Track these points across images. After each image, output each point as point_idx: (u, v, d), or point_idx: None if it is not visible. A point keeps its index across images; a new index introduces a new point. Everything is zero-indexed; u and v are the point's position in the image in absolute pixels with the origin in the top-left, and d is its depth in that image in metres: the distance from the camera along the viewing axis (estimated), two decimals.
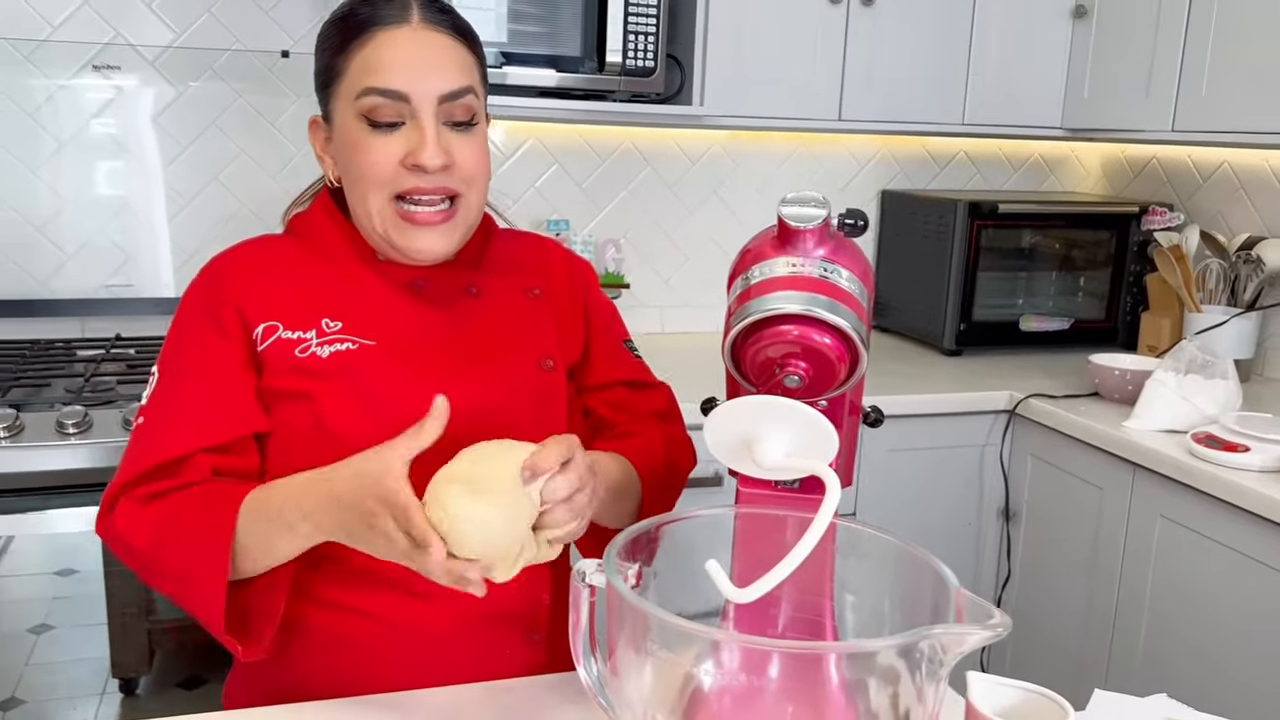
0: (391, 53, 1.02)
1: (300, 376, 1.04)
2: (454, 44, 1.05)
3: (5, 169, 2.20)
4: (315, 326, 1.06)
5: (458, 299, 1.12)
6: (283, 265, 1.10)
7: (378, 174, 1.03)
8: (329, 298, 1.08)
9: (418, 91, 1.02)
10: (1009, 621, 0.70)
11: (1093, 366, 2.17)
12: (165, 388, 1.05)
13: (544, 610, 1.13)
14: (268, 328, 1.05)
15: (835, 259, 0.82)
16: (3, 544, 1.81)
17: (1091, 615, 2.06)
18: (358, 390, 1.03)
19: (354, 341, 1.05)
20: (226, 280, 1.08)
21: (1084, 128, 2.49)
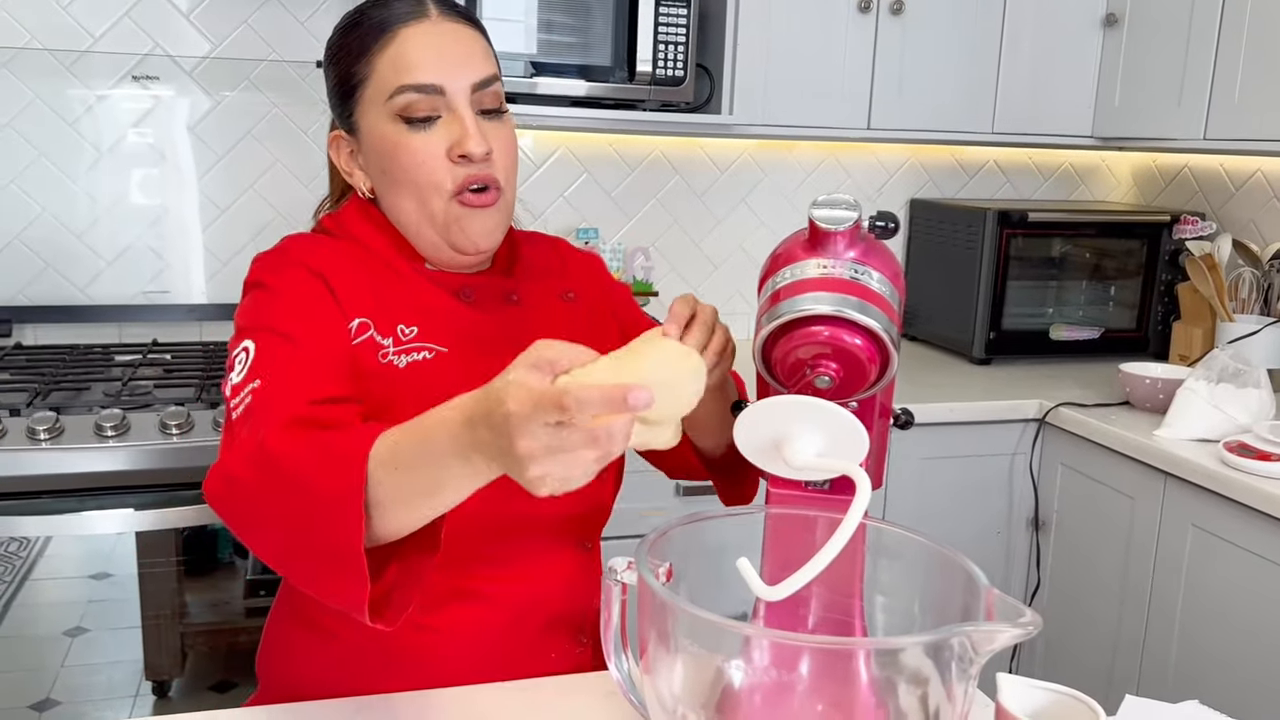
0: (419, 48, 1.02)
1: (381, 383, 1.01)
2: (474, 33, 1.06)
3: (46, 178, 2.24)
4: (393, 334, 1.04)
5: (502, 307, 1.12)
6: (355, 264, 1.06)
7: (428, 173, 1.02)
8: (403, 303, 1.05)
9: (451, 82, 1.02)
10: (1039, 620, 0.70)
11: (1124, 375, 2.16)
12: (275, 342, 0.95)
13: (593, 614, 1.13)
14: (361, 324, 1.02)
15: (866, 261, 0.82)
16: (40, 545, 1.84)
17: (1122, 625, 2.04)
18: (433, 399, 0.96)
19: (430, 350, 1.04)
20: (315, 264, 1.02)
21: (1115, 136, 2.48)
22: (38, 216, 2.25)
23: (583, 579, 1.13)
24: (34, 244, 2.25)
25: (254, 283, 1.03)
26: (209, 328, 2.35)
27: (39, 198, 2.24)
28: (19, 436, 1.68)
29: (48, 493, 1.71)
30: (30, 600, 1.84)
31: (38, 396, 1.83)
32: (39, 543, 1.83)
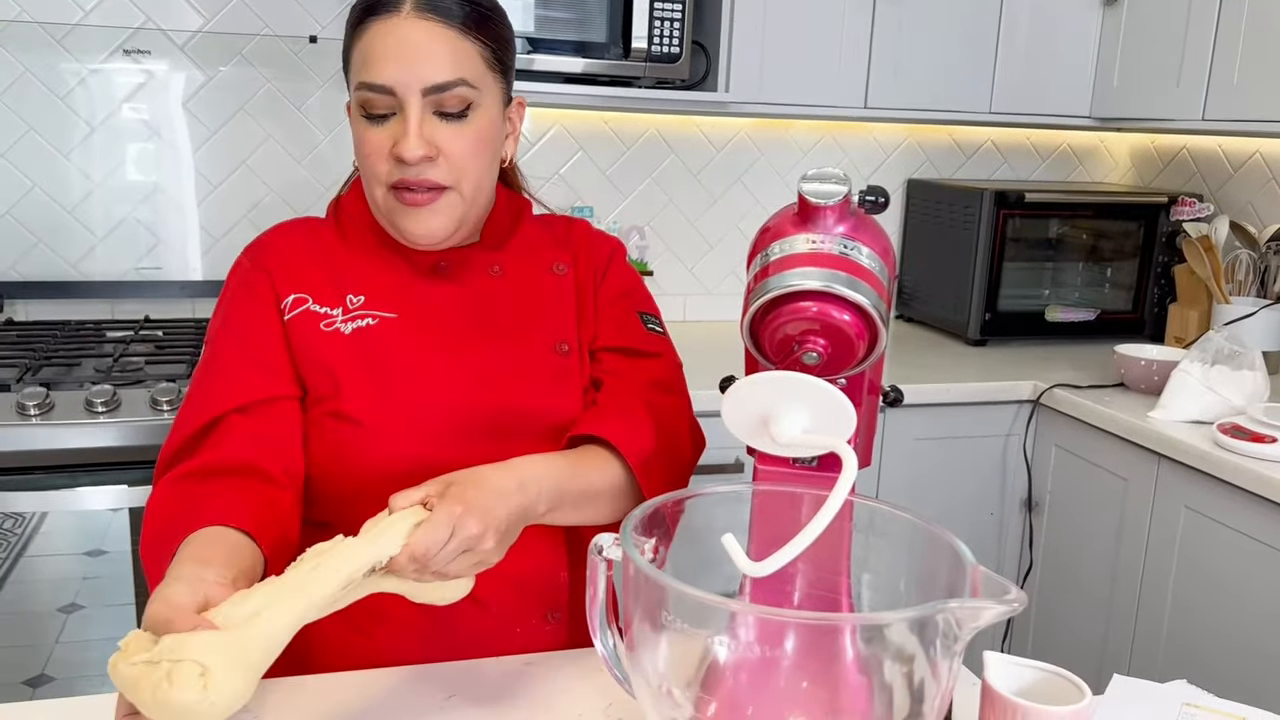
0: (381, 45, 1.02)
1: (323, 350, 1.07)
2: (449, 33, 1.03)
3: (37, 152, 2.23)
4: (341, 304, 1.09)
5: (480, 280, 1.13)
6: (316, 244, 1.13)
7: (371, 165, 1.05)
8: (356, 277, 1.11)
9: (401, 84, 1.01)
10: (1024, 597, 0.70)
11: (1118, 357, 2.15)
12: (206, 357, 1.09)
13: (563, 590, 1.13)
14: (297, 299, 1.09)
15: (856, 236, 0.82)
16: (36, 522, 1.84)
17: (1114, 606, 2.05)
18: (378, 362, 1.06)
19: (375, 316, 1.08)
20: (263, 253, 1.12)
21: (1113, 117, 2.47)
22: (29, 191, 2.23)
23: (550, 556, 1.12)
24: (26, 219, 2.24)
25: (221, 293, 1.13)
26: (201, 304, 2.34)
27: (30, 172, 2.23)
28: (9, 412, 1.68)
29: (40, 469, 1.71)
30: (25, 577, 1.84)
31: (28, 372, 1.82)
32: (34, 519, 1.83)
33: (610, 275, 1.21)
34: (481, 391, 1.08)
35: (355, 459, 1.05)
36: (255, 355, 1.07)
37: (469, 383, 1.08)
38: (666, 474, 1.09)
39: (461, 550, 0.85)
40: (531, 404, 1.10)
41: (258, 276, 1.10)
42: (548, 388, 1.11)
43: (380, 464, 1.05)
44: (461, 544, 0.85)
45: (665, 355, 1.20)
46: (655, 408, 1.11)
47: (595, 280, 1.19)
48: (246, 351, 1.07)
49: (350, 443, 1.05)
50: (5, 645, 1.84)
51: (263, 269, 1.10)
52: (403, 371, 1.07)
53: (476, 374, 1.09)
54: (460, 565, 0.86)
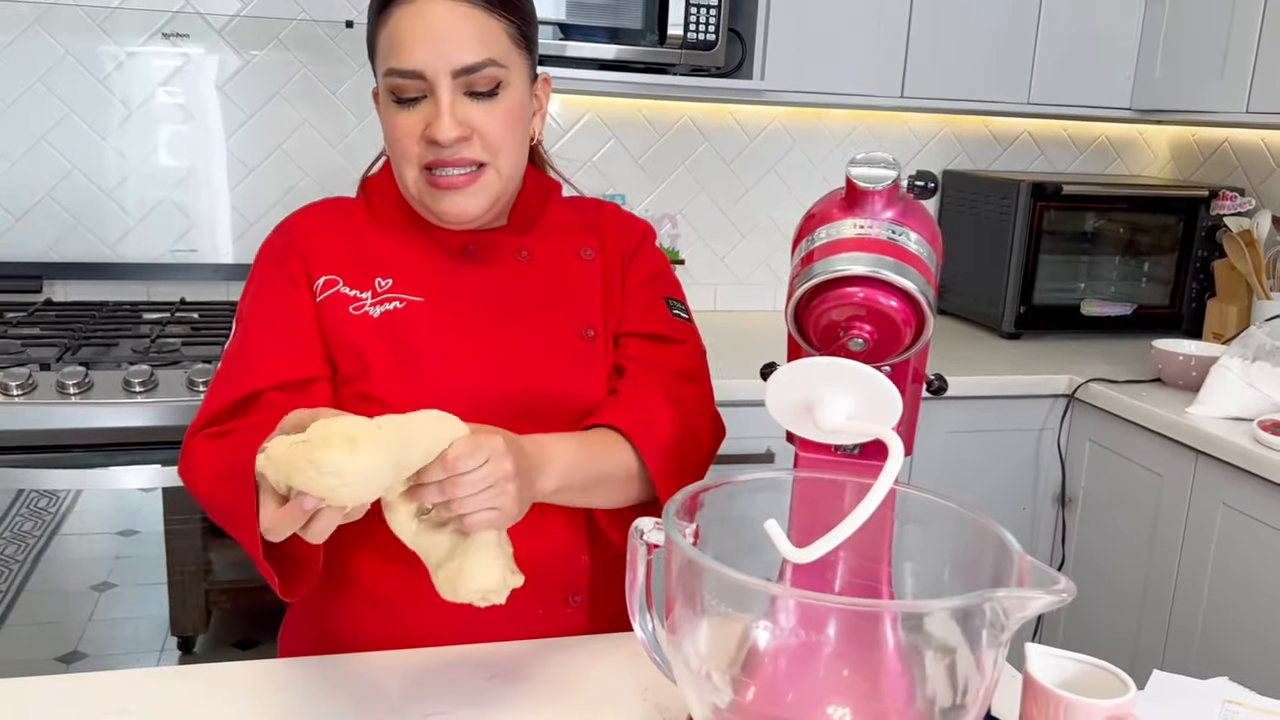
0: (407, 29, 1.02)
1: (353, 332, 1.08)
2: (473, 11, 1.02)
3: (76, 134, 2.25)
4: (370, 287, 1.10)
5: (508, 264, 1.14)
6: (347, 225, 1.14)
7: (403, 149, 1.05)
8: (385, 259, 1.11)
9: (431, 67, 1.01)
10: (1073, 587, 0.69)
11: (1156, 352, 2.13)
12: (240, 335, 1.10)
13: (583, 573, 1.13)
14: (328, 280, 1.09)
15: (904, 222, 0.81)
16: (70, 500, 1.86)
17: (1147, 603, 2.03)
18: (405, 345, 1.07)
19: (402, 300, 1.09)
20: (295, 234, 1.12)
21: (1154, 109, 2.44)
22: (69, 174, 2.25)
23: (571, 539, 1.12)
24: (65, 200, 2.26)
25: (251, 270, 1.14)
26: (235, 287, 2.36)
27: (70, 154, 2.25)
28: (49, 390, 1.70)
29: (77, 447, 1.73)
30: (59, 555, 1.86)
31: (67, 351, 1.84)
32: (68, 497, 1.85)
33: (639, 259, 1.20)
34: (506, 375, 1.08)
35: None
36: (291, 336, 1.07)
37: (494, 366, 1.08)
38: (682, 465, 1.08)
39: (486, 485, 0.85)
40: (556, 388, 1.10)
41: (291, 258, 1.10)
42: (573, 372, 1.11)
43: None
44: (489, 475, 0.85)
45: (689, 343, 1.20)
46: (675, 398, 1.11)
47: (623, 264, 1.19)
48: (282, 332, 1.07)
49: None
50: (40, 622, 1.87)
51: (296, 251, 1.11)
52: (429, 355, 1.07)
53: (502, 358, 1.09)
54: (478, 500, 0.85)
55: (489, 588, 0.86)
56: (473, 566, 0.86)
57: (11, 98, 2.19)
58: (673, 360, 1.16)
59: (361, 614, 1.11)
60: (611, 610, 1.16)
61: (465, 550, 0.86)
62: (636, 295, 1.18)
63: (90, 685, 0.93)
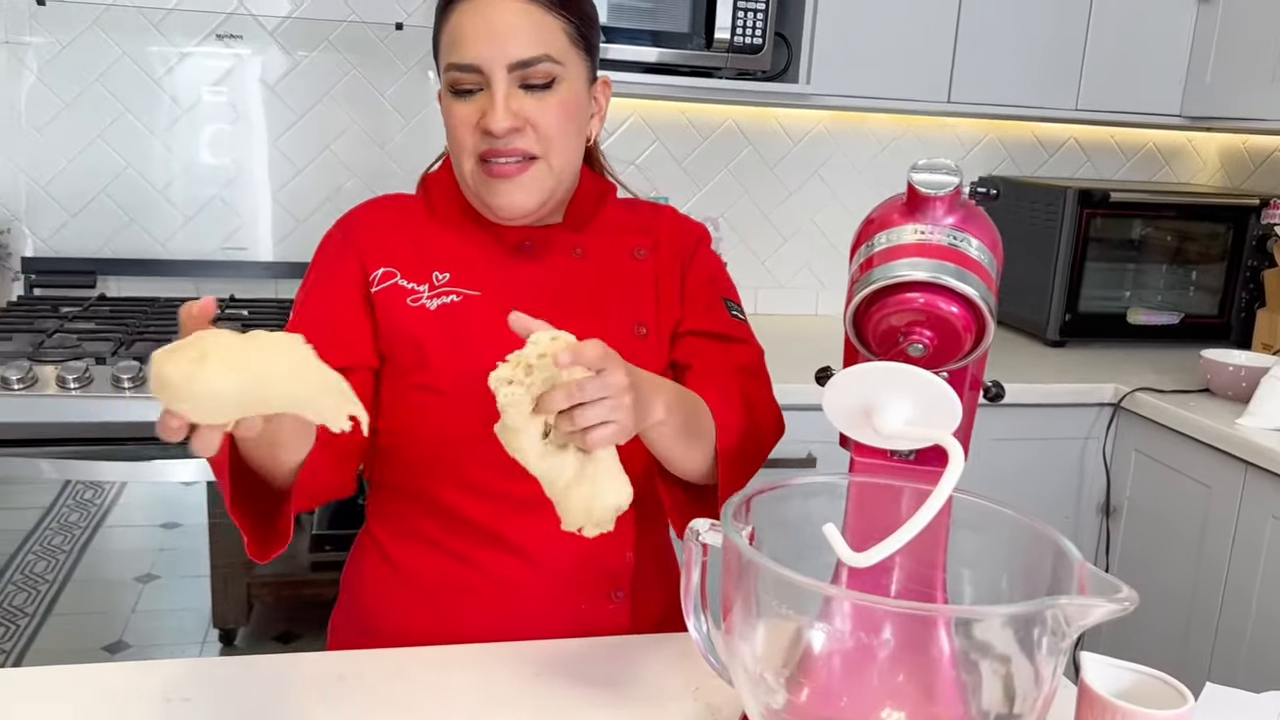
0: (467, 24, 1.05)
1: (410, 324, 1.10)
2: (532, 8, 1.05)
3: (130, 132, 2.29)
4: (428, 280, 1.12)
5: (563, 261, 1.15)
6: (407, 220, 1.16)
7: (459, 139, 1.07)
8: (442, 254, 1.13)
9: (487, 60, 1.04)
10: (1135, 596, 0.69)
11: (1205, 361, 2.11)
12: (293, 321, 1.13)
13: (628, 570, 1.14)
14: (385, 272, 1.11)
15: (965, 228, 0.81)
16: (115, 492, 1.89)
17: (1194, 616, 2.00)
18: (461, 337, 1.09)
19: (459, 293, 1.11)
20: (355, 228, 1.15)
21: (1205, 116, 2.41)
22: (123, 171, 2.30)
23: (616, 536, 1.12)
24: (119, 198, 2.31)
25: (311, 261, 1.16)
26: (284, 285, 2.39)
27: (124, 152, 2.29)
28: (105, 384, 1.73)
29: (129, 440, 1.76)
30: (104, 546, 1.89)
31: (122, 346, 1.87)
32: (114, 489, 1.88)
33: (697, 260, 1.21)
34: None
35: (438, 428, 1.09)
36: (339, 324, 1.10)
37: None
38: (744, 453, 1.09)
39: (603, 394, 0.84)
40: None
41: (348, 250, 1.13)
42: None
43: (461, 432, 1.07)
44: (608, 386, 0.84)
45: (750, 342, 1.21)
46: (745, 390, 1.12)
47: (681, 265, 1.20)
48: (332, 319, 1.10)
49: (434, 412, 1.09)
50: (86, 611, 1.90)
51: (354, 243, 1.13)
52: (485, 348, 1.08)
53: None
54: (598, 411, 0.84)
55: (622, 503, 0.85)
56: (605, 485, 0.85)
57: (70, 96, 2.24)
58: (735, 357, 1.17)
59: (410, 607, 1.12)
60: (653, 608, 1.17)
61: (593, 472, 0.85)
62: (697, 296, 1.19)
63: (149, 672, 0.95)
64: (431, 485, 1.11)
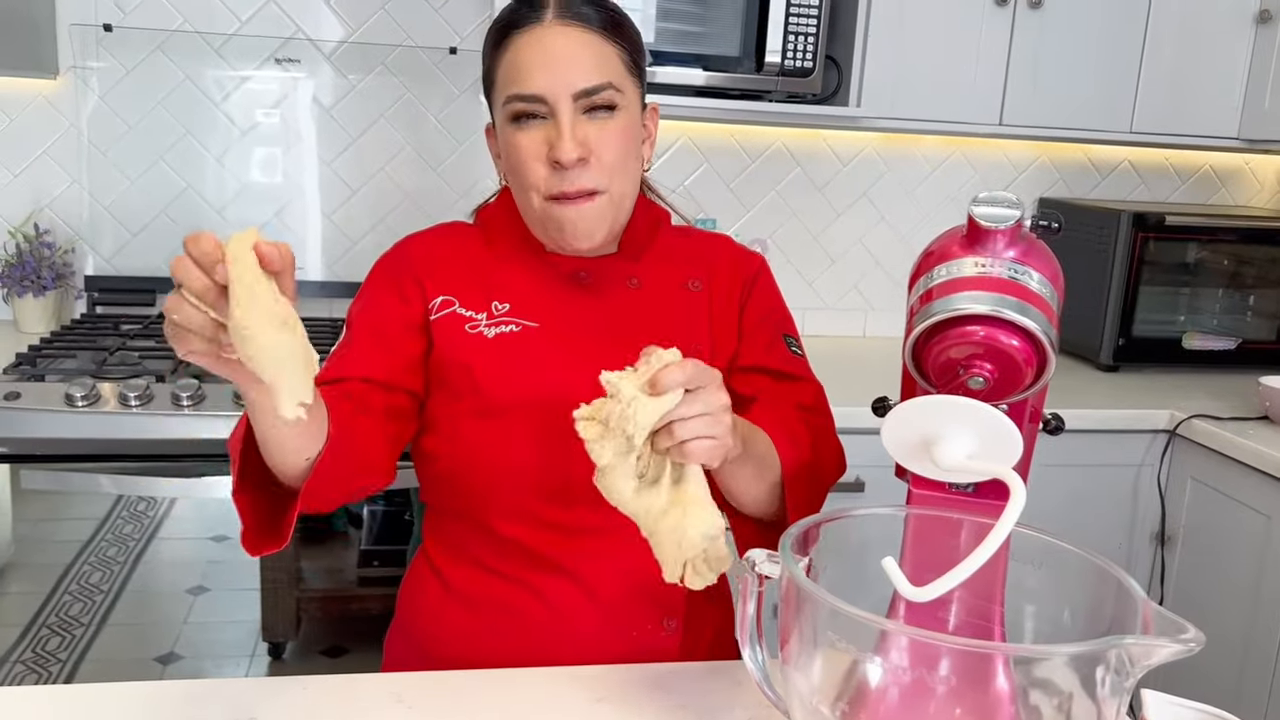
0: (528, 55, 1.05)
1: (467, 351, 1.10)
2: (591, 37, 1.06)
3: (190, 154, 2.34)
4: (486, 309, 1.12)
5: (618, 291, 1.15)
6: (464, 249, 1.17)
7: (527, 172, 1.06)
8: (501, 283, 1.14)
9: (553, 91, 1.04)
10: (1202, 637, 0.68)
11: (1264, 388, 2.07)
12: (345, 338, 1.14)
13: (681, 599, 1.14)
14: (444, 300, 1.13)
15: (1025, 261, 0.81)
16: (167, 505, 1.92)
17: (1251, 648, 1.96)
18: (516, 367, 1.09)
19: (518, 324, 1.11)
20: (413, 254, 1.16)
21: (1263, 139, 2.37)
22: (183, 192, 2.35)
23: None
24: (179, 218, 2.36)
25: (365, 281, 1.17)
26: (338, 305, 2.43)
27: (185, 174, 2.34)
28: (164, 401, 1.77)
29: (188, 456, 1.79)
30: (156, 558, 1.93)
31: (181, 364, 1.91)
32: (165, 503, 1.92)
33: (756, 293, 1.21)
34: None
35: (493, 456, 1.09)
36: (389, 344, 1.10)
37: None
38: (810, 488, 1.09)
39: (704, 410, 0.85)
40: None
41: (406, 275, 1.14)
42: None
43: (518, 462, 1.08)
44: (708, 402, 0.85)
45: (810, 380, 1.21)
46: (809, 425, 1.12)
47: (740, 298, 1.20)
48: (382, 339, 1.11)
49: (488, 441, 1.09)
50: (139, 622, 1.93)
51: (412, 270, 1.14)
52: (540, 373, 1.10)
53: None
54: (698, 425, 0.85)
55: (710, 531, 0.85)
56: (695, 514, 0.85)
57: (134, 119, 2.30)
58: (797, 395, 1.17)
59: (464, 629, 1.13)
60: (704, 634, 1.17)
61: (682, 501, 0.86)
62: (756, 331, 1.19)
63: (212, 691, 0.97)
64: (487, 512, 1.12)
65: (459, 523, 1.15)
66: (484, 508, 1.12)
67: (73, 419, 1.74)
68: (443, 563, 1.17)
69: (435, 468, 1.15)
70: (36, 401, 1.74)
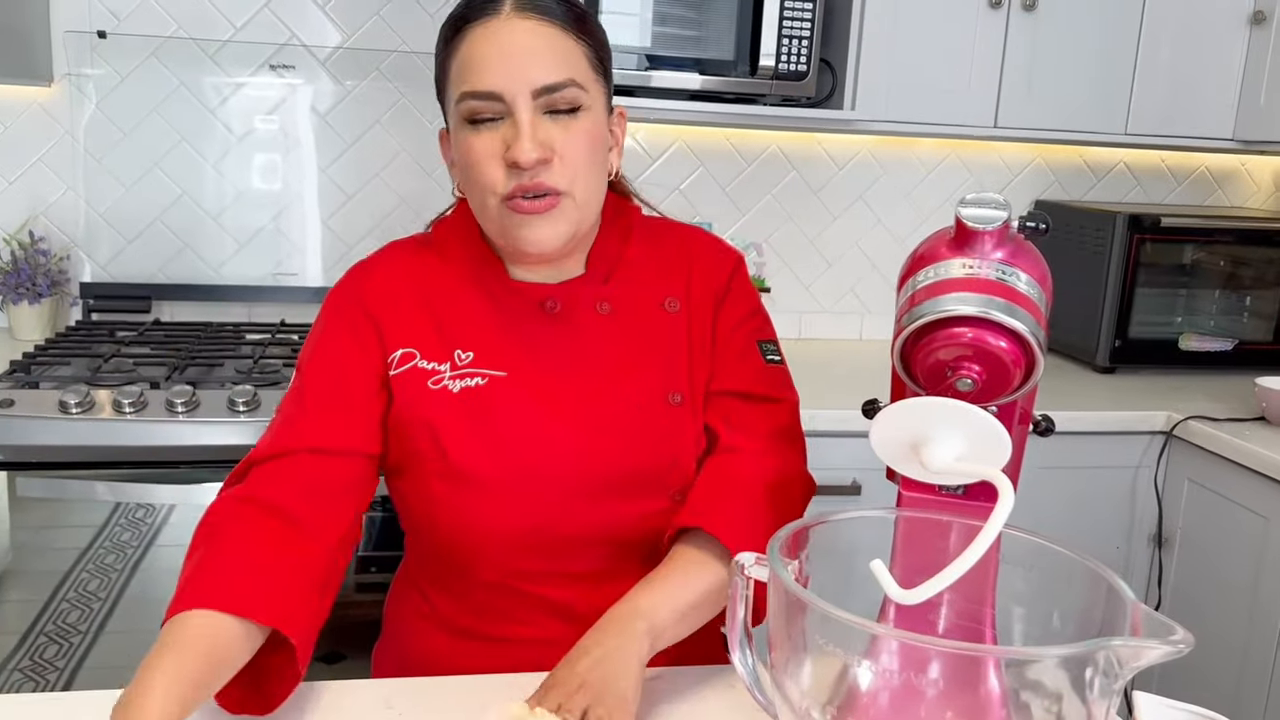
0: (484, 50, 0.97)
1: (430, 409, 1.03)
2: (552, 31, 0.98)
3: (187, 161, 2.34)
4: (449, 359, 1.05)
5: (589, 319, 1.08)
6: (422, 282, 1.08)
7: (482, 174, 0.98)
8: (463, 325, 1.06)
9: (510, 87, 0.96)
10: (1191, 639, 0.68)
11: (1261, 389, 2.06)
12: (297, 387, 1.05)
13: None
14: (405, 354, 1.05)
15: (1013, 262, 0.80)
16: (166, 512, 1.92)
17: (1250, 650, 1.95)
18: (484, 426, 1.03)
19: (484, 375, 1.04)
20: (368, 293, 1.07)
21: (1258, 140, 2.37)
22: (178, 199, 2.35)
23: None
24: (174, 225, 2.36)
25: (318, 319, 1.08)
26: None
27: (180, 180, 2.35)
28: (159, 408, 1.76)
29: (183, 463, 1.79)
30: (155, 565, 1.92)
31: (176, 371, 1.91)
32: (163, 510, 1.91)
33: (730, 299, 1.13)
34: (593, 454, 1.04)
35: (469, 521, 1.04)
36: (347, 402, 1.03)
37: (580, 444, 1.04)
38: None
39: None
40: (644, 462, 1.06)
41: (361, 319, 1.05)
42: (660, 442, 1.07)
43: (494, 523, 1.04)
44: None
45: (786, 400, 1.14)
46: (772, 471, 1.07)
47: (714, 306, 1.12)
48: (339, 396, 1.03)
49: (461, 505, 1.04)
50: (137, 629, 1.93)
51: (369, 313, 1.05)
52: (512, 434, 1.03)
53: (589, 436, 1.05)
54: None
55: None
56: None
57: (130, 125, 2.30)
58: (771, 419, 1.11)
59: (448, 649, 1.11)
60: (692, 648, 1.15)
61: None
62: (729, 342, 1.12)
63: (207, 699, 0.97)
64: (467, 563, 1.07)
65: (438, 563, 1.11)
66: (463, 560, 1.07)
67: (68, 426, 1.74)
68: (426, 584, 1.14)
69: (407, 509, 1.11)
70: (31, 409, 1.74)
